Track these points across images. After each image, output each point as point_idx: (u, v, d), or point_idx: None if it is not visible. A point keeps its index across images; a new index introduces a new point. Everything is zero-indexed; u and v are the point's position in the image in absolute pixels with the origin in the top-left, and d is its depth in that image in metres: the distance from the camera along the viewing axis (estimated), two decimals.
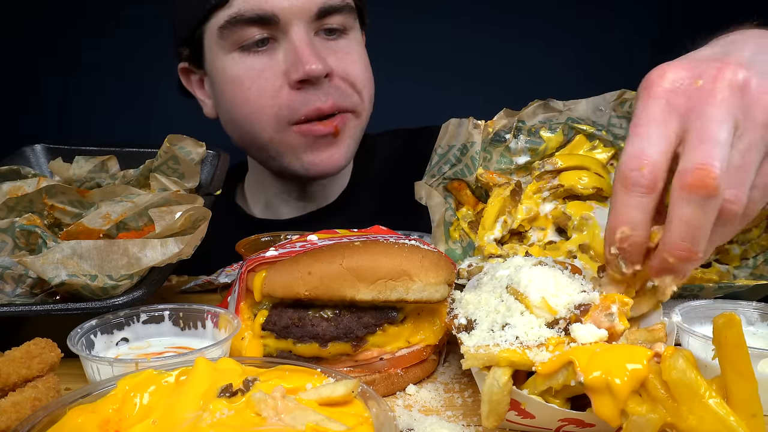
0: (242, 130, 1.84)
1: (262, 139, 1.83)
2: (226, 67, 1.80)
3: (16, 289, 1.25)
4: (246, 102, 1.79)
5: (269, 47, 1.77)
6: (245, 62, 1.77)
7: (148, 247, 1.18)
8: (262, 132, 1.81)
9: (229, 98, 1.82)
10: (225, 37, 1.76)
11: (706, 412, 0.80)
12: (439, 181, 1.53)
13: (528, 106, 1.50)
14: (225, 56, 1.79)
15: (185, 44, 1.88)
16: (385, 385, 1.10)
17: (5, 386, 0.94)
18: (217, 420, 0.79)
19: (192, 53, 1.89)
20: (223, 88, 1.83)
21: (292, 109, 1.77)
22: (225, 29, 1.75)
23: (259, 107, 1.78)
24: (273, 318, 1.10)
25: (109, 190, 1.37)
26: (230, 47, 1.77)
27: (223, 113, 1.90)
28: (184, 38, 1.86)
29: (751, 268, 1.40)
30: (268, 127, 1.80)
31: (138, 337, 1.14)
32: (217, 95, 1.89)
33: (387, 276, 1.07)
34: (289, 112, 1.77)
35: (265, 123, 1.80)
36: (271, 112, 1.78)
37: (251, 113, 1.80)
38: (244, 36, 1.74)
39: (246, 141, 1.88)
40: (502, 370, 0.90)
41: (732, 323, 0.81)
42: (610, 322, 0.95)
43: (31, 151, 1.59)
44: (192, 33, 1.83)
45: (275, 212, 2.08)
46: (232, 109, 1.83)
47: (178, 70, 1.99)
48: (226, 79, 1.81)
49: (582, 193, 1.45)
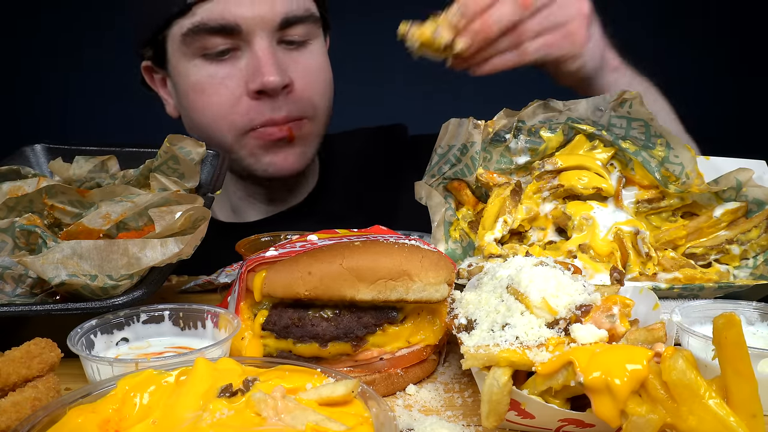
0: (204, 134, 1.86)
1: (223, 144, 1.84)
2: (189, 73, 1.81)
3: (16, 289, 1.25)
4: (207, 108, 1.82)
5: (231, 56, 1.78)
6: (207, 69, 1.79)
7: (148, 247, 1.18)
8: (222, 138, 1.84)
9: (190, 103, 1.85)
10: (188, 44, 1.77)
11: (706, 412, 0.80)
12: (439, 181, 1.53)
13: (528, 106, 1.50)
14: (188, 62, 1.80)
15: (148, 45, 1.88)
16: (385, 385, 1.10)
17: (5, 386, 0.94)
18: (217, 420, 0.79)
19: (155, 54, 1.89)
20: (185, 92, 1.85)
21: (248, 119, 1.81)
22: (188, 37, 1.75)
23: (219, 116, 1.81)
24: (273, 318, 1.10)
25: (109, 190, 1.37)
26: (193, 54, 1.78)
27: (185, 116, 1.93)
28: (147, 39, 1.86)
29: (751, 268, 1.40)
30: (228, 133, 1.83)
31: (138, 337, 1.14)
32: (179, 98, 1.90)
33: (387, 276, 1.07)
34: (244, 123, 1.81)
35: (225, 130, 1.83)
36: (229, 120, 1.81)
37: (212, 121, 1.83)
38: (207, 44, 1.75)
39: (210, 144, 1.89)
40: (502, 370, 0.90)
41: (732, 323, 0.81)
42: (611, 324, 0.95)
43: (31, 151, 1.59)
44: (155, 35, 1.83)
45: (242, 216, 2.08)
46: (193, 114, 1.86)
47: (141, 68, 1.98)
48: (188, 85, 1.83)
49: (582, 193, 1.45)
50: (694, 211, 1.47)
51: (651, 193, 1.47)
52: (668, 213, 1.48)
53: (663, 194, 1.46)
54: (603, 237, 1.39)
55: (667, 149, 1.45)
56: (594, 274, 1.33)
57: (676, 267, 1.36)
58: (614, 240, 1.39)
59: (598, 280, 1.31)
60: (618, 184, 1.46)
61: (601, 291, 1.03)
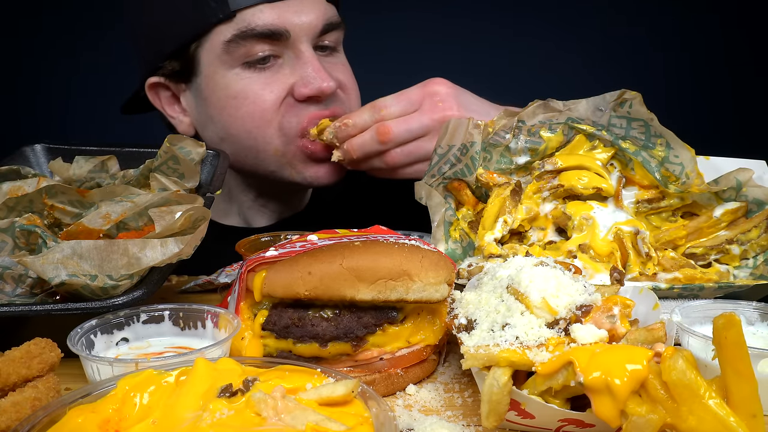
0: (242, 145, 1.81)
1: (266, 153, 1.81)
2: (229, 82, 1.76)
3: (16, 289, 1.25)
4: (250, 116, 1.77)
5: (273, 63, 1.76)
6: (250, 77, 1.76)
7: (148, 247, 1.18)
8: (267, 146, 1.80)
9: (230, 113, 1.79)
10: (231, 52, 1.73)
11: (706, 412, 0.80)
12: (439, 181, 1.53)
13: (528, 106, 1.50)
14: (227, 71, 1.76)
15: (172, 58, 1.82)
16: (385, 385, 1.10)
17: (5, 386, 0.94)
18: (217, 420, 0.79)
19: (180, 68, 1.83)
20: (224, 103, 1.79)
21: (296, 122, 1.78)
22: (232, 43, 1.72)
23: (265, 121, 1.77)
24: (273, 318, 1.10)
25: (109, 190, 1.37)
26: (234, 62, 1.75)
27: (217, 130, 1.84)
28: (171, 52, 1.80)
29: (751, 268, 1.40)
30: (275, 138, 1.79)
31: (138, 337, 1.14)
32: (212, 111, 1.83)
33: (387, 276, 1.07)
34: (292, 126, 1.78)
35: (271, 136, 1.79)
36: (276, 124, 1.78)
37: (256, 127, 1.78)
38: (251, 51, 1.73)
39: (243, 156, 1.84)
40: (502, 370, 0.90)
41: (732, 323, 0.81)
42: (612, 324, 0.95)
43: (31, 151, 1.59)
44: (184, 47, 1.78)
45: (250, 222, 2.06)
46: (232, 124, 1.80)
47: (146, 87, 1.89)
48: (228, 95, 1.78)
49: (582, 193, 1.45)
50: (694, 211, 1.47)
51: (651, 193, 1.47)
52: (668, 213, 1.48)
53: (663, 194, 1.46)
54: (603, 237, 1.39)
55: (667, 149, 1.45)
56: (594, 274, 1.33)
57: (676, 267, 1.36)
58: (614, 240, 1.39)
59: (598, 280, 1.31)
60: (618, 184, 1.46)
61: (602, 291, 1.04)
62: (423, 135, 1.62)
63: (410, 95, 1.64)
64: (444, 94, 1.63)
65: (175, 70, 1.84)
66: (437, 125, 1.60)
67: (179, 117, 1.92)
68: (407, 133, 1.62)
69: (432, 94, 1.63)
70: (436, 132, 1.58)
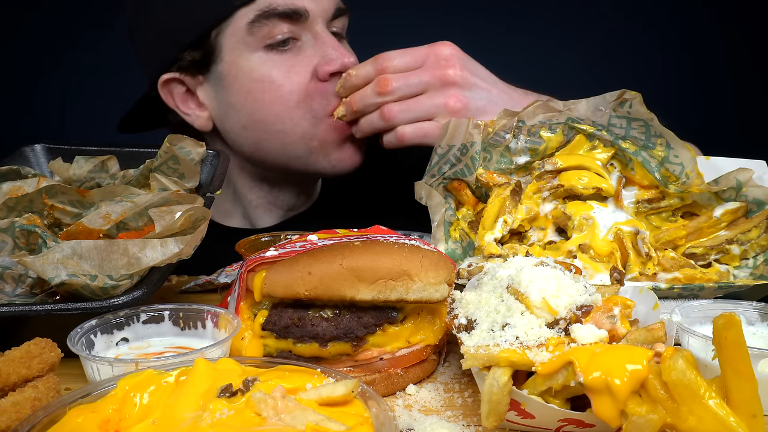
0: (269, 131, 1.81)
1: (293, 136, 1.82)
2: (253, 66, 1.77)
3: (16, 289, 1.25)
4: (279, 99, 1.78)
5: (293, 45, 1.78)
6: (273, 60, 1.77)
7: (148, 247, 1.18)
8: (296, 128, 1.81)
9: (256, 97, 1.79)
10: (254, 33, 1.74)
11: (706, 412, 0.80)
12: (439, 181, 1.53)
13: (528, 106, 1.50)
14: (251, 55, 1.77)
15: (191, 48, 1.80)
16: (385, 385, 1.10)
17: (5, 386, 0.94)
18: (217, 420, 0.79)
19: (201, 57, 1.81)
20: (249, 88, 1.79)
21: (323, 98, 1.80)
22: (255, 24, 1.73)
23: (294, 103, 1.78)
24: (273, 318, 1.10)
25: (109, 190, 1.37)
26: (257, 44, 1.76)
27: (240, 117, 1.83)
28: (191, 42, 1.79)
29: (751, 268, 1.40)
30: (303, 121, 1.80)
31: (138, 337, 1.14)
32: (235, 98, 1.81)
33: (387, 276, 1.07)
34: (322, 106, 1.80)
35: (300, 117, 1.80)
36: (305, 107, 1.79)
37: (284, 110, 1.79)
38: (273, 32, 1.74)
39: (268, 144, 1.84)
40: (502, 370, 0.90)
41: (732, 323, 0.81)
42: (612, 324, 0.95)
43: (31, 151, 1.59)
44: (204, 35, 1.78)
45: (254, 223, 2.05)
46: (259, 109, 1.80)
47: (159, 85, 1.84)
48: (253, 79, 1.78)
49: (582, 193, 1.45)
50: (694, 211, 1.47)
51: (651, 193, 1.47)
52: (668, 213, 1.48)
53: (663, 194, 1.46)
54: (603, 237, 1.39)
55: (667, 149, 1.45)
56: (594, 274, 1.33)
57: (676, 267, 1.36)
58: (614, 240, 1.39)
59: (598, 280, 1.31)
60: (618, 184, 1.47)
61: (601, 291, 1.04)
62: (422, 92, 1.62)
63: (416, 52, 1.65)
64: (449, 54, 1.63)
65: (195, 60, 1.83)
66: (437, 83, 1.60)
67: (195, 112, 1.90)
68: (406, 87, 1.62)
69: (437, 53, 1.63)
70: (436, 91, 1.60)
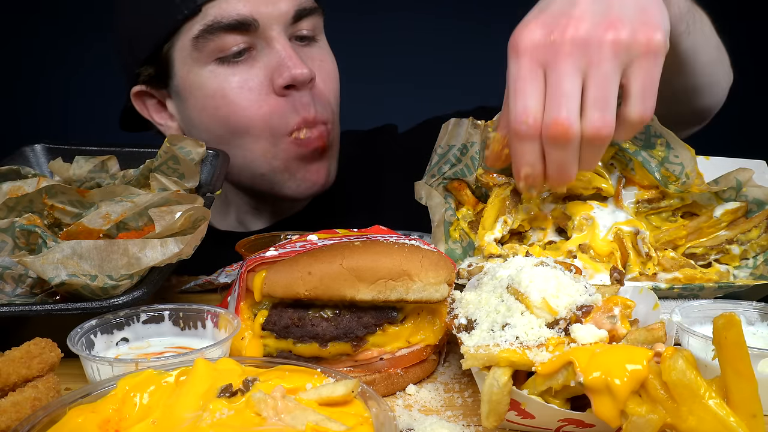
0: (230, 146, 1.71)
1: (253, 154, 1.75)
2: (204, 81, 1.70)
3: (16, 289, 1.25)
4: (233, 115, 1.70)
5: (248, 56, 1.70)
6: (225, 73, 1.69)
7: (148, 247, 1.18)
8: (254, 145, 1.73)
9: (211, 114, 1.72)
10: (200, 48, 1.67)
11: (706, 412, 0.80)
12: (439, 181, 1.53)
13: None
14: (201, 69, 1.69)
15: (147, 63, 1.76)
16: (385, 385, 1.10)
17: (5, 386, 0.94)
18: (217, 420, 0.79)
19: (156, 72, 1.77)
20: (202, 104, 1.72)
21: (282, 117, 1.71)
22: (200, 39, 1.65)
23: (248, 119, 1.70)
24: (273, 318, 1.10)
25: (109, 190, 1.37)
26: (206, 59, 1.68)
27: (200, 133, 1.76)
28: (146, 57, 1.74)
29: (751, 268, 1.40)
30: (261, 139, 1.73)
31: (138, 337, 1.14)
32: (192, 113, 1.76)
33: (387, 276, 1.07)
34: (280, 120, 1.71)
35: (257, 135, 1.72)
36: (261, 122, 1.71)
37: (240, 127, 1.71)
38: (222, 45, 1.66)
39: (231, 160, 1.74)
40: (502, 370, 0.90)
41: (732, 323, 0.81)
42: (612, 324, 0.95)
43: (31, 151, 1.59)
44: (157, 49, 1.72)
45: (247, 226, 2.02)
46: (215, 126, 1.73)
47: (131, 97, 1.83)
48: (205, 95, 1.71)
49: (582, 193, 1.45)
50: (694, 211, 1.47)
51: (651, 193, 1.47)
52: (668, 213, 1.48)
53: (663, 194, 1.46)
54: (603, 237, 1.39)
55: (667, 149, 1.45)
56: (594, 274, 1.33)
57: (676, 267, 1.36)
58: (614, 240, 1.39)
59: (598, 280, 1.31)
60: (618, 184, 1.46)
61: (601, 291, 1.04)
62: None
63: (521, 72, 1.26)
64: None
65: (151, 75, 1.79)
66: None
67: (167, 123, 1.87)
68: None
69: None
70: None
